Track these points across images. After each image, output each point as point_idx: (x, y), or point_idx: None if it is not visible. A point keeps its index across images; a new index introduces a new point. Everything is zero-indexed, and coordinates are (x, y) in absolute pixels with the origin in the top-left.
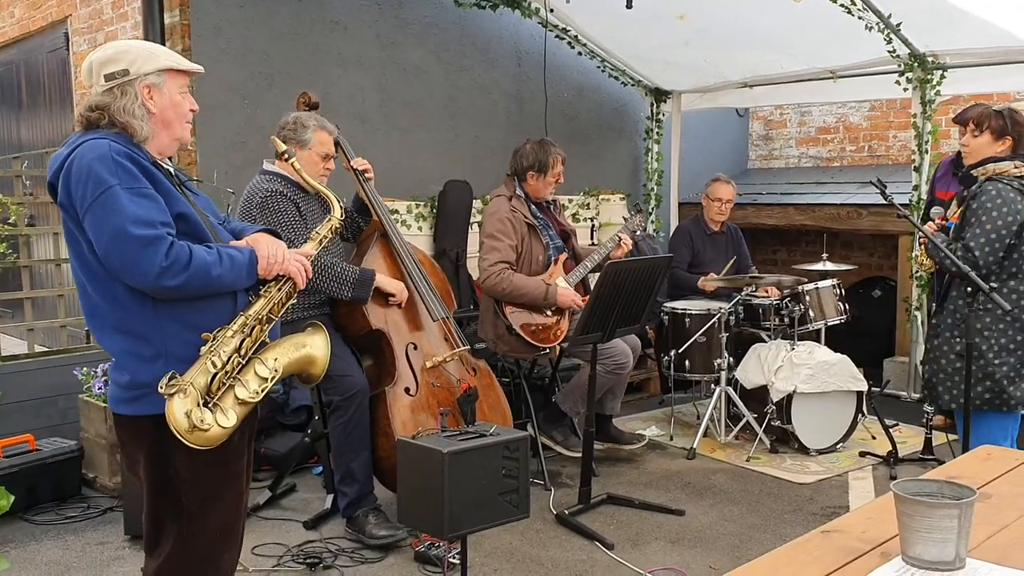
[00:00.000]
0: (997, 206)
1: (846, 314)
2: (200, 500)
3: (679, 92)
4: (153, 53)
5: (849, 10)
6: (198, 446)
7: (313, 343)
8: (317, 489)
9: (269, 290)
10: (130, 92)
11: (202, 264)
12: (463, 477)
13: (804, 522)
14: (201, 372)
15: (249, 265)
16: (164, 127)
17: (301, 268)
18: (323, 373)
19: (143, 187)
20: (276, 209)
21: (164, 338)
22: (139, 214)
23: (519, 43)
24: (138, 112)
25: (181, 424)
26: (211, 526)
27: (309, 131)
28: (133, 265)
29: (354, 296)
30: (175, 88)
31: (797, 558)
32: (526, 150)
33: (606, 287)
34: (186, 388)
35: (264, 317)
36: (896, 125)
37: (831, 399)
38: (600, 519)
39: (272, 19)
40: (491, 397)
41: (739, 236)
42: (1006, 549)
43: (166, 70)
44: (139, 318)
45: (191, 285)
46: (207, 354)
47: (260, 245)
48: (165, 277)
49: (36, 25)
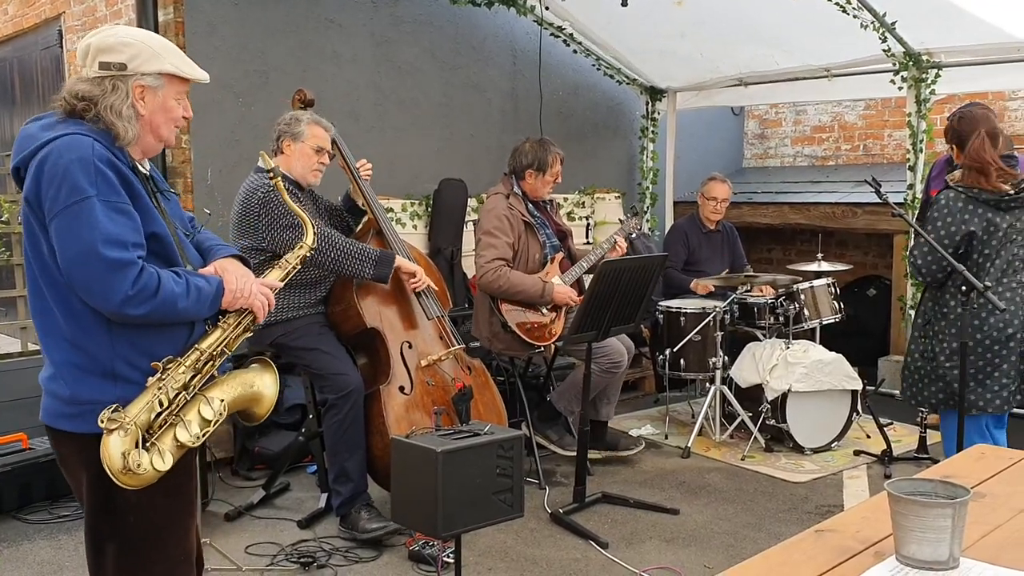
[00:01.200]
0: (943, 215)
1: (841, 313)
2: (150, 529)
3: (674, 90)
4: (157, 53)
5: (844, 8)
6: (127, 487)
7: (262, 382)
8: (311, 488)
9: (227, 322)
10: (121, 89)
11: (169, 296)
12: (457, 476)
13: (799, 521)
14: (145, 409)
15: (214, 297)
16: (150, 130)
17: (265, 303)
18: (268, 414)
19: (121, 201)
20: (277, 201)
21: (113, 359)
22: (112, 232)
23: (514, 41)
24: (126, 113)
25: (115, 465)
26: (167, 551)
27: (303, 124)
28: (97, 287)
29: (375, 275)
30: (172, 93)
31: (791, 557)
32: (525, 149)
33: (601, 286)
34: (128, 426)
35: (218, 351)
36: (891, 124)
37: (826, 398)
38: (595, 518)
39: (266, 17)
40: (486, 396)
41: (735, 235)
42: (1000, 548)
43: (167, 74)
44: (91, 334)
45: (154, 316)
46: (154, 388)
47: (229, 275)
48: (129, 305)
49: (30, 22)
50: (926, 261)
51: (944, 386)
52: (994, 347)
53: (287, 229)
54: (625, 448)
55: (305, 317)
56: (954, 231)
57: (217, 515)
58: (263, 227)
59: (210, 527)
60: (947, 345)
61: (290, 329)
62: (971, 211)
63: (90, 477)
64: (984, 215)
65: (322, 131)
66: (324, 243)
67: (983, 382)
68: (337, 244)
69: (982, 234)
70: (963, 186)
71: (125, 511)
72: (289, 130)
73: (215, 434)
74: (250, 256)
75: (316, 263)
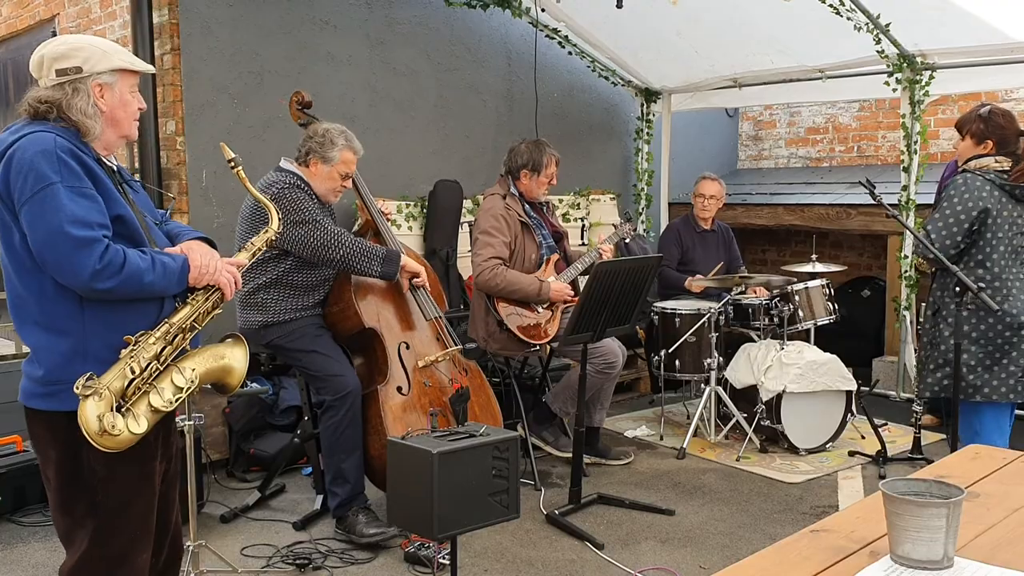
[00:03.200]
0: (960, 194)
1: (835, 314)
2: (117, 498)
3: (669, 92)
4: (106, 52)
5: (838, 10)
6: (106, 449)
7: (232, 355)
8: (306, 490)
9: (196, 299)
10: (82, 90)
11: (135, 270)
12: (453, 477)
13: (793, 521)
14: (118, 376)
15: (180, 273)
16: (112, 125)
17: (231, 279)
18: (239, 385)
19: (84, 186)
20: (293, 198)
21: (86, 336)
22: (77, 213)
23: (509, 43)
24: (90, 111)
25: (92, 427)
26: (129, 525)
27: (337, 149)
28: (67, 264)
29: (383, 272)
30: (126, 88)
31: (786, 557)
32: (521, 149)
33: (596, 287)
34: (102, 391)
35: (188, 326)
36: (885, 125)
37: (820, 399)
38: (590, 519)
39: (261, 18)
40: (481, 398)
41: (730, 235)
42: (994, 548)
43: (119, 70)
44: (63, 314)
45: (122, 289)
46: (126, 358)
47: (194, 254)
48: (97, 279)
49: (24, 24)
50: (940, 236)
51: (950, 371)
52: (1005, 333)
53: (297, 225)
54: (615, 457)
55: (302, 319)
56: (971, 207)
57: (213, 517)
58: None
59: (206, 529)
60: (955, 331)
61: (287, 331)
62: (988, 191)
63: (59, 454)
64: (1000, 198)
65: (352, 156)
66: (333, 241)
67: (991, 368)
68: (346, 242)
69: (995, 214)
70: (981, 170)
71: (93, 487)
72: (321, 151)
73: (211, 436)
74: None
75: (325, 259)
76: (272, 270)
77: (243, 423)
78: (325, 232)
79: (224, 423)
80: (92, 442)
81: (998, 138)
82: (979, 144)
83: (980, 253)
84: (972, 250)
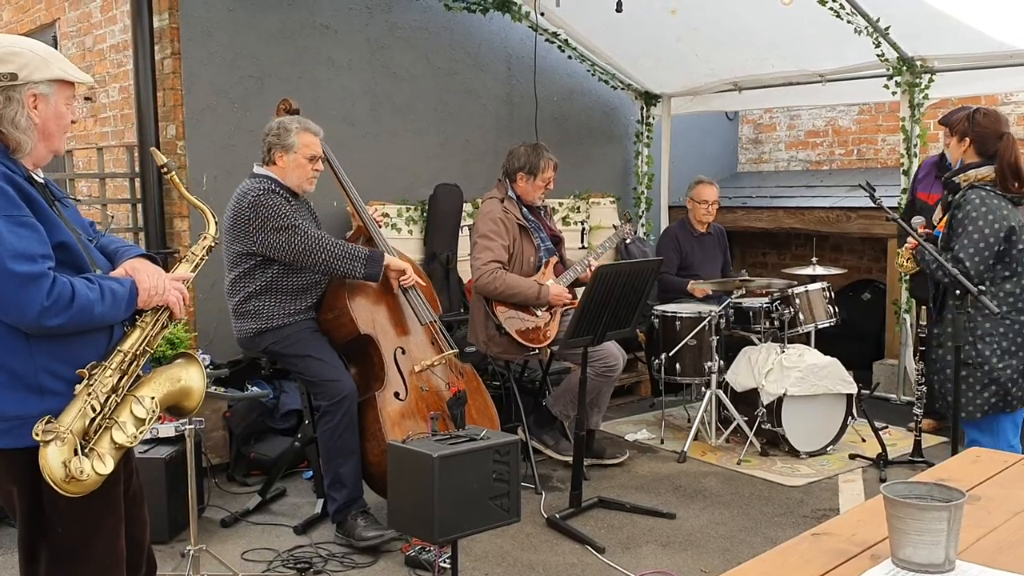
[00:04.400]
0: (983, 214)
1: (836, 317)
2: (80, 532)
3: (669, 96)
4: (46, 60)
5: (838, 14)
6: (71, 495)
7: (188, 376)
8: (307, 494)
9: (145, 321)
10: (15, 99)
11: (85, 303)
12: (453, 481)
13: (794, 525)
14: (79, 416)
15: (129, 298)
16: (44, 139)
17: (179, 297)
18: (198, 406)
19: (23, 215)
20: (268, 205)
21: (36, 372)
22: (19, 247)
23: (509, 47)
24: (23, 123)
25: (57, 474)
26: (94, 557)
27: (292, 134)
28: (13, 304)
29: (366, 273)
30: (62, 99)
31: (787, 561)
32: (519, 152)
33: (597, 290)
34: (64, 435)
35: (140, 350)
36: (885, 128)
37: (821, 402)
38: (591, 523)
39: (262, 22)
40: (478, 401)
41: (724, 237)
42: (995, 551)
43: (57, 80)
44: (10, 350)
45: (72, 324)
46: (84, 395)
47: (141, 276)
48: (46, 317)
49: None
50: (974, 263)
51: (998, 388)
52: None
53: (276, 232)
54: (611, 456)
55: (296, 324)
56: (997, 228)
57: (213, 521)
58: (253, 230)
59: (206, 533)
60: (997, 346)
61: (282, 336)
62: (1006, 207)
63: (20, 490)
64: (1015, 212)
65: (312, 137)
66: (315, 244)
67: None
68: (327, 245)
69: (1019, 229)
70: (989, 184)
71: (54, 520)
72: (279, 141)
73: (211, 440)
74: (241, 260)
75: (308, 264)
76: (260, 277)
77: (243, 427)
78: (305, 236)
79: (224, 427)
80: (58, 489)
81: (975, 135)
82: (960, 142)
83: (1007, 269)
84: (998, 266)
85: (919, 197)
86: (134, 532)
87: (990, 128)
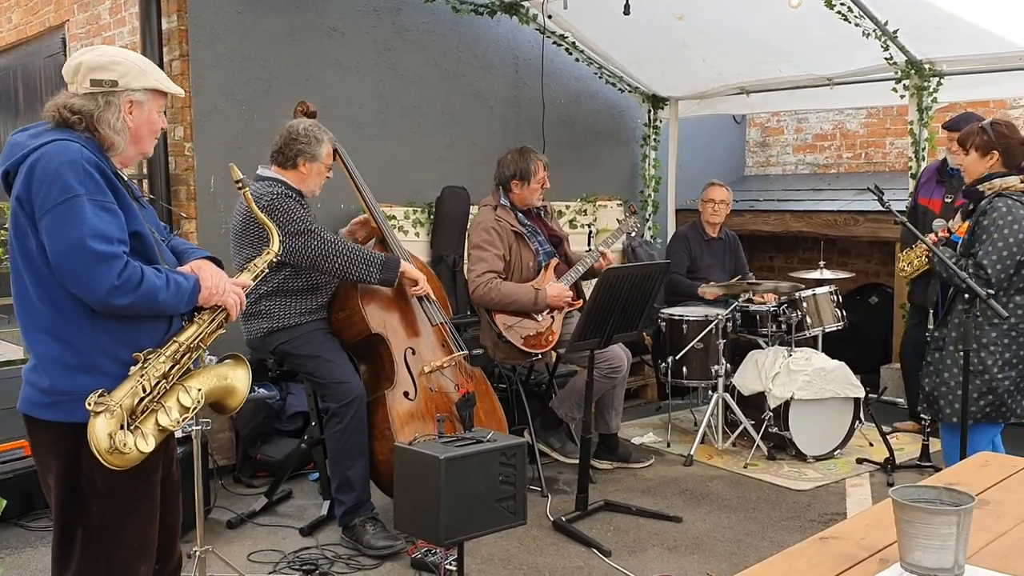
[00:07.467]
0: (1008, 223)
1: (843, 321)
2: (115, 512)
3: (676, 99)
4: (144, 71)
5: (846, 17)
6: (113, 467)
7: (235, 375)
8: (313, 495)
9: (203, 318)
10: (114, 104)
11: (151, 288)
12: (460, 483)
13: (801, 529)
14: (130, 394)
15: (192, 293)
16: (135, 141)
17: (237, 301)
18: (240, 407)
19: (107, 200)
20: (284, 209)
21: (94, 351)
22: (99, 228)
23: (516, 50)
24: (119, 126)
25: (103, 444)
26: (127, 539)
27: (324, 145)
28: (85, 279)
29: (382, 278)
30: (155, 107)
31: (795, 565)
32: (507, 160)
33: (603, 293)
34: (114, 409)
35: (194, 345)
36: (893, 132)
37: (828, 406)
38: (597, 526)
39: (270, 25)
40: (486, 403)
41: (737, 243)
42: (1005, 556)
43: (152, 89)
44: (74, 326)
45: (137, 306)
46: (137, 376)
47: (204, 274)
48: (114, 296)
49: (33, 30)
50: (996, 270)
51: (995, 398)
52: None
53: (293, 236)
54: (637, 461)
55: (307, 324)
56: (1021, 238)
57: (219, 522)
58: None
59: (212, 534)
60: (999, 357)
61: (292, 336)
62: None
63: (60, 465)
64: None
65: (331, 146)
66: (332, 249)
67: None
68: (344, 249)
69: None
70: (1017, 193)
71: (90, 497)
72: (309, 150)
73: (217, 441)
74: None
75: (324, 268)
76: (271, 280)
77: (250, 428)
78: (323, 241)
79: (231, 428)
80: (100, 459)
81: (1003, 148)
82: (985, 156)
83: (1022, 281)
84: (1014, 278)
85: (920, 203)
86: (170, 520)
87: (1015, 138)
